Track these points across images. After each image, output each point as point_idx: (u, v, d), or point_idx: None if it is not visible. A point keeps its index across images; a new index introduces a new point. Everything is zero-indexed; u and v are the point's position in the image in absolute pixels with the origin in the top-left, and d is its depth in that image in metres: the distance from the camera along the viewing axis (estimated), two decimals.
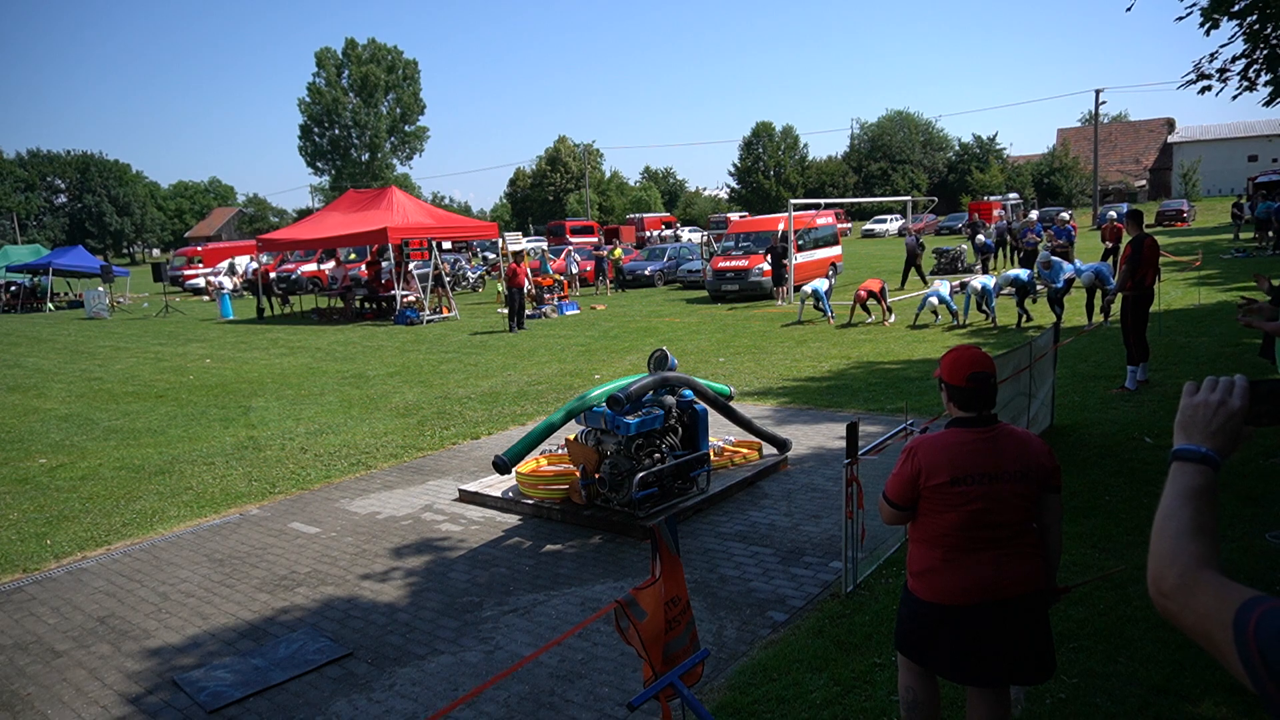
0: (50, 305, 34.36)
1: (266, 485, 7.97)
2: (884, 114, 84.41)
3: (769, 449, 7.70)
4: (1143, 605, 4.35)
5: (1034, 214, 23.78)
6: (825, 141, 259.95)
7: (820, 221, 24.38)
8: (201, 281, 37.96)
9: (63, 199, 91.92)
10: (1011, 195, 51.42)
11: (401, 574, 5.73)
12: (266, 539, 6.57)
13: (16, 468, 9.08)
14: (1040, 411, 7.45)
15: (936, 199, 56.18)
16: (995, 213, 32.66)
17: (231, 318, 26.12)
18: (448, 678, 4.33)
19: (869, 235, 55.78)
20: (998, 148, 77.35)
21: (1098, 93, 50.24)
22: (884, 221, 57.39)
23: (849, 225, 56.67)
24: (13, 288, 35.88)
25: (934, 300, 15.17)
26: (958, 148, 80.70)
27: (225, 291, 28.64)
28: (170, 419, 11.20)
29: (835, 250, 24.69)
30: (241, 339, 20.43)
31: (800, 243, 22.20)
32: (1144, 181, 71.21)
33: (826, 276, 21.43)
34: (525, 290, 19.47)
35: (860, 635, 4.41)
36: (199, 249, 45.83)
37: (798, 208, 22.91)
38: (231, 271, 36.85)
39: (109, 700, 4.33)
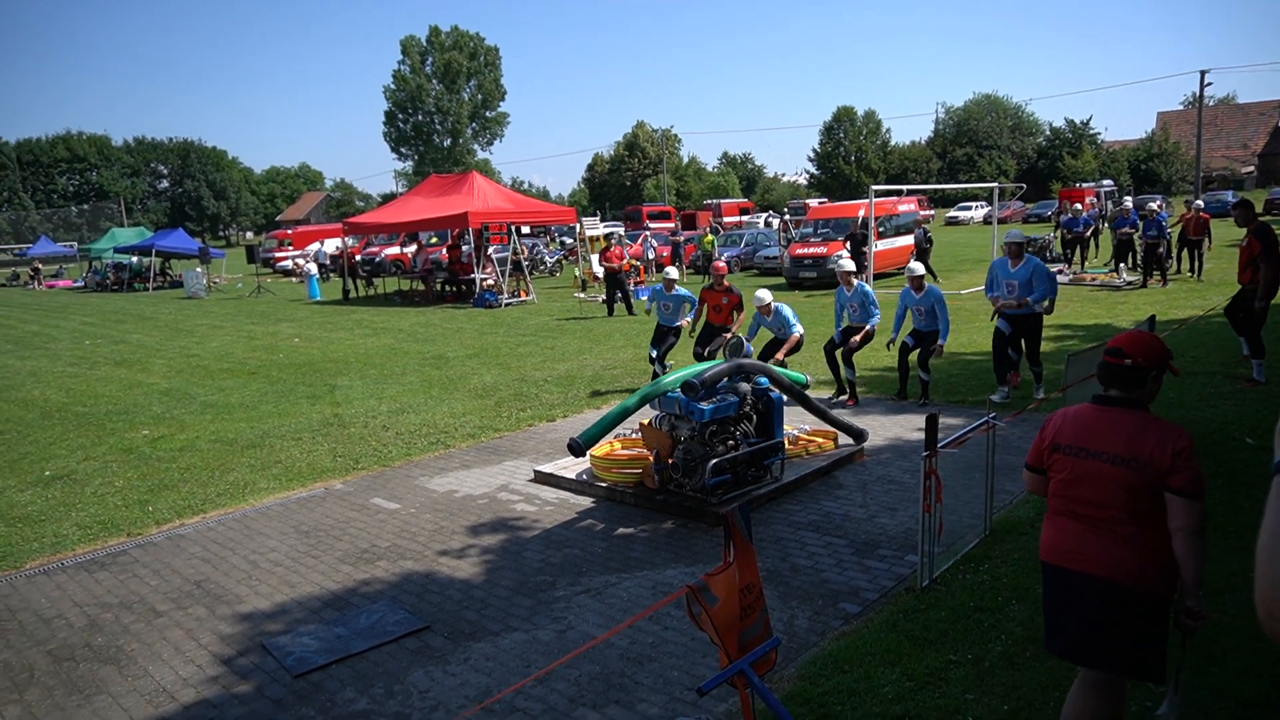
0: (152, 285, 36.13)
1: (350, 461, 8.24)
2: (971, 98, 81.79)
3: (844, 439, 7.59)
4: (1239, 614, 4.15)
5: (1128, 201, 22.68)
6: (909, 126, 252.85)
7: (902, 208, 23.82)
8: (290, 263, 39.35)
9: (165, 184, 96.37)
10: (1106, 182, 49.21)
11: (477, 551, 5.86)
12: (350, 513, 6.80)
13: (122, 438, 9.61)
14: None
15: (1024, 186, 54.21)
16: (1087, 200, 31.34)
17: (319, 299, 27.01)
18: (520, 654, 4.42)
19: (953, 223, 54.34)
20: (1092, 132, 74.18)
21: (1203, 74, 47.86)
22: (969, 209, 55.83)
23: (932, 212, 55.21)
24: (120, 268, 37.86)
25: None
26: (1048, 132, 77.68)
27: (313, 274, 29.61)
28: (261, 395, 11.67)
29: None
30: (328, 319, 21.12)
31: (881, 230, 21.75)
32: (1252, 168, 67.31)
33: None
34: (624, 273, 19.63)
35: (935, 631, 4.33)
36: (289, 232, 47.48)
37: (879, 194, 22.42)
38: (317, 257, 38.03)
39: (204, 660, 4.56)
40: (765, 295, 9.07)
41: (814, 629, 4.51)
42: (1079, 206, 25.39)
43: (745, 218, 48.15)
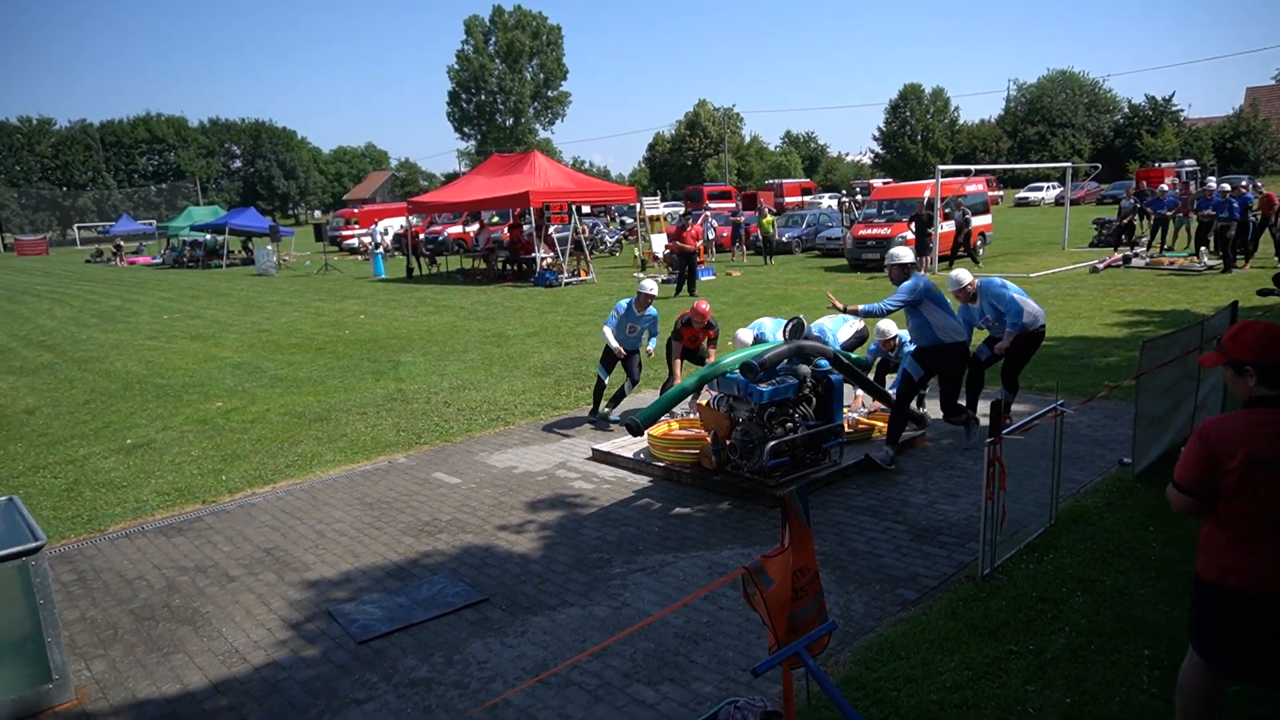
0: (225, 262, 37.27)
1: (413, 436, 8.42)
2: (1045, 74, 79.06)
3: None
4: None
5: (1211, 181, 21.71)
6: (978, 104, 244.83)
7: (969, 189, 23.21)
8: (356, 241, 40.18)
9: (238, 163, 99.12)
10: (1187, 161, 47.20)
11: (535, 527, 5.95)
12: (412, 486, 6.96)
13: (198, 409, 9.98)
14: (1209, 397, 6.88)
15: (1100, 165, 52.24)
16: (1167, 180, 30.06)
17: (384, 276, 27.54)
18: (577, 629, 4.49)
19: (1022, 204, 52.72)
20: (1173, 109, 71.00)
21: None
22: (1039, 189, 54.08)
23: (1000, 193, 53.70)
24: (196, 245, 39.15)
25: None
26: (1127, 109, 74.62)
27: (379, 252, 30.18)
28: (328, 370, 11.99)
29: (985, 219, 23.50)
30: (392, 297, 21.54)
31: (947, 211, 21.25)
32: None
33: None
34: (697, 254, 19.65)
35: (996, 620, 4.25)
36: (355, 211, 48.44)
37: (946, 174, 21.89)
38: (382, 234, 38.68)
39: (273, 624, 4.74)
40: (745, 335, 7.98)
41: (871, 614, 4.47)
42: (1164, 186, 24.43)
43: (807, 198, 47.52)
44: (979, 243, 23.08)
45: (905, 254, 7.17)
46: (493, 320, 16.25)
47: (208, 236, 39.10)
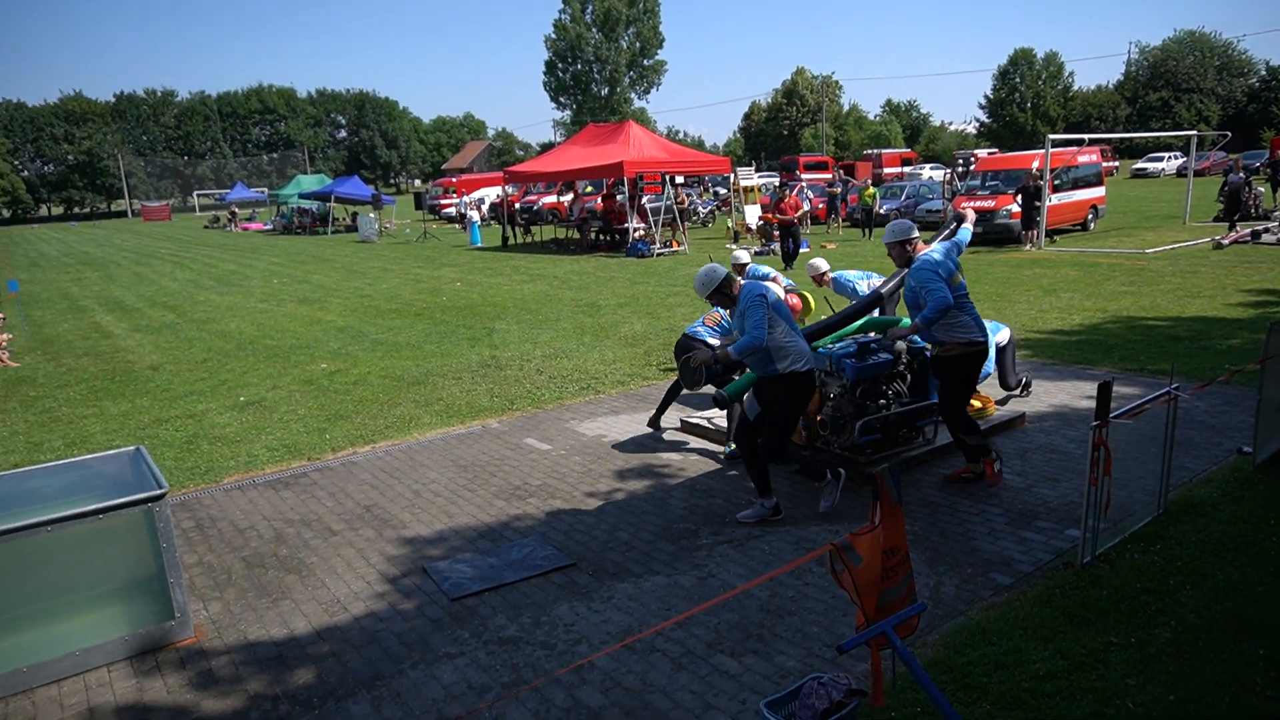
0: (330, 229, 38.66)
1: (506, 402, 8.62)
2: (1171, 36, 74.07)
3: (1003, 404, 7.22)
4: None
5: None
6: (1095, 69, 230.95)
7: (1082, 159, 22.04)
8: (455, 210, 41.09)
9: (343, 133, 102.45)
10: None
11: (623, 495, 6.03)
12: (504, 451, 7.14)
13: (304, 370, 10.45)
14: None
15: (1229, 134, 48.81)
16: None
17: (480, 245, 28.10)
18: (662, 597, 4.54)
19: (1139, 175, 49.72)
20: None
21: None
22: (1160, 160, 50.80)
23: (1116, 163, 50.82)
24: (304, 213, 40.76)
25: None
26: (1264, 72, 69.33)
27: (476, 220, 30.78)
28: (426, 335, 12.35)
29: (1097, 191, 22.32)
30: (488, 265, 21.97)
31: (1057, 182, 20.26)
32: None
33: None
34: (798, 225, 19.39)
35: (1095, 610, 4.10)
36: (453, 180, 49.46)
37: (1056, 144, 20.86)
38: (476, 203, 39.40)
39: (372, 577, 4.96)
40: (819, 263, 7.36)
41: (961, 597, 4.37)
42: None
43: (907, 169, 46.05)
44: (1090, 216, 21.98)
45: (903, 227, 5.99)
46: (585, 290, 16.40)
47: (315, 204, 40.63)
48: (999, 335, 7.36)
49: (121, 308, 17.45)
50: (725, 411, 6.93)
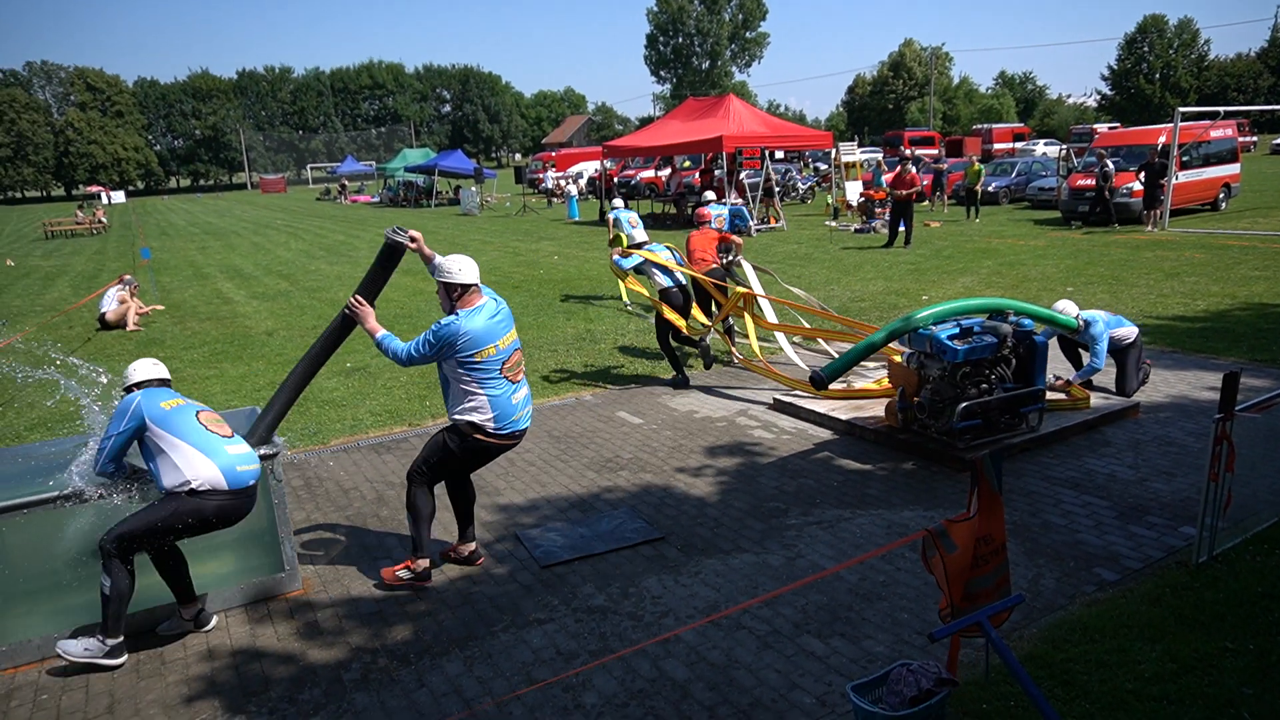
0: (433, 202, 39.68)
1: (599, 375, 8.71)
2: None
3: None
4: None
5: None
6: (1234, 36, 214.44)
7: (1214, 134, 20.57)
8: (553, 184, 41.56)
9: (447, 108, 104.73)
10: None
11: (713, 472, 6.03)
12: (597, 424, 7.23)
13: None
14: None
15: None
16: None
17: (577, 219, 28.36)
18: (749, 575, 4.53)
19: (1278, 152, 46.10)
20: None
21: None
22: None
23: (1255, 138, 47.31)
24: (409, 186, 41.97)
25: None
26: None
27: (573, 195, 31.07)
28: (524, 308, 12.58)
29: (1231, 169, 20.83)
30: (585, 239, 22.16)
31: (1185, 159, 19.00)
32: None
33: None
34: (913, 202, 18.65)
35: (1210, 613, 3.88)
36: (553, 154, 49.96)
37: (1187, 117, 19.54)
38: (574, 178, 39.65)
39: None
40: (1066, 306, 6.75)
41: (1062, 591, 4.21)
42: None
43: (1019, 144, 44.05)
44: (1221, 195, 20.56)
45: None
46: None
47: (421, 178, 41.75)
48: (1121, 330, 6.90)
49: (240, 275, 18.39)
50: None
